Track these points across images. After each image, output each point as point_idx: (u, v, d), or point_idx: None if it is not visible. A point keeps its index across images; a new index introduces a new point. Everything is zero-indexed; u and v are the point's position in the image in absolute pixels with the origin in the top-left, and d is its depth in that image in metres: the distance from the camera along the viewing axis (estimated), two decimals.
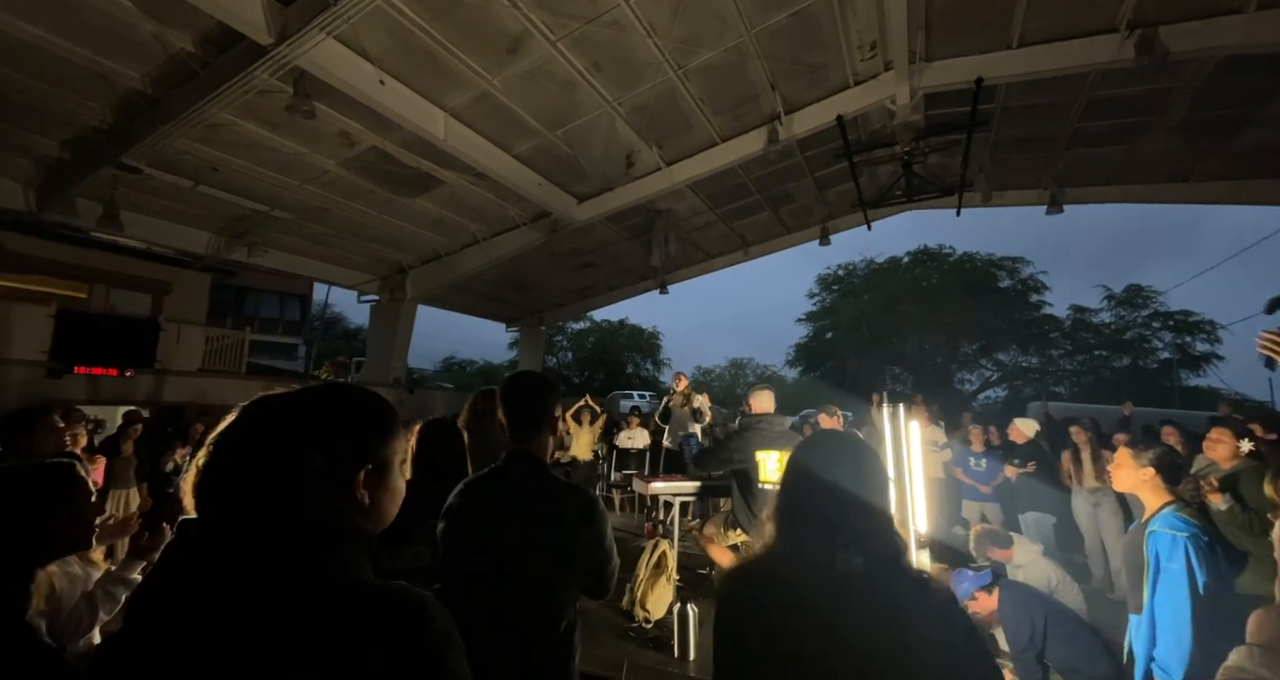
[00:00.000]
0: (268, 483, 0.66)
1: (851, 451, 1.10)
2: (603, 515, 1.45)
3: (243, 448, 0.68)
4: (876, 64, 5.57)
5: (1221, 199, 7.85)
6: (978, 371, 22.26)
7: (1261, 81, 5.42)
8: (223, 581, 0.61)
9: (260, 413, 0.72)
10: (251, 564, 0.62)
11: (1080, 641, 2.93)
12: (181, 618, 0.60)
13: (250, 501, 0.65)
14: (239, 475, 0.66)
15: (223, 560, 0.62)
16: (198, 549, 0.64)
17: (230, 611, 0.59)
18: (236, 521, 0.65)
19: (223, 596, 0.60)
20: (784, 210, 9.82)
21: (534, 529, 1.38)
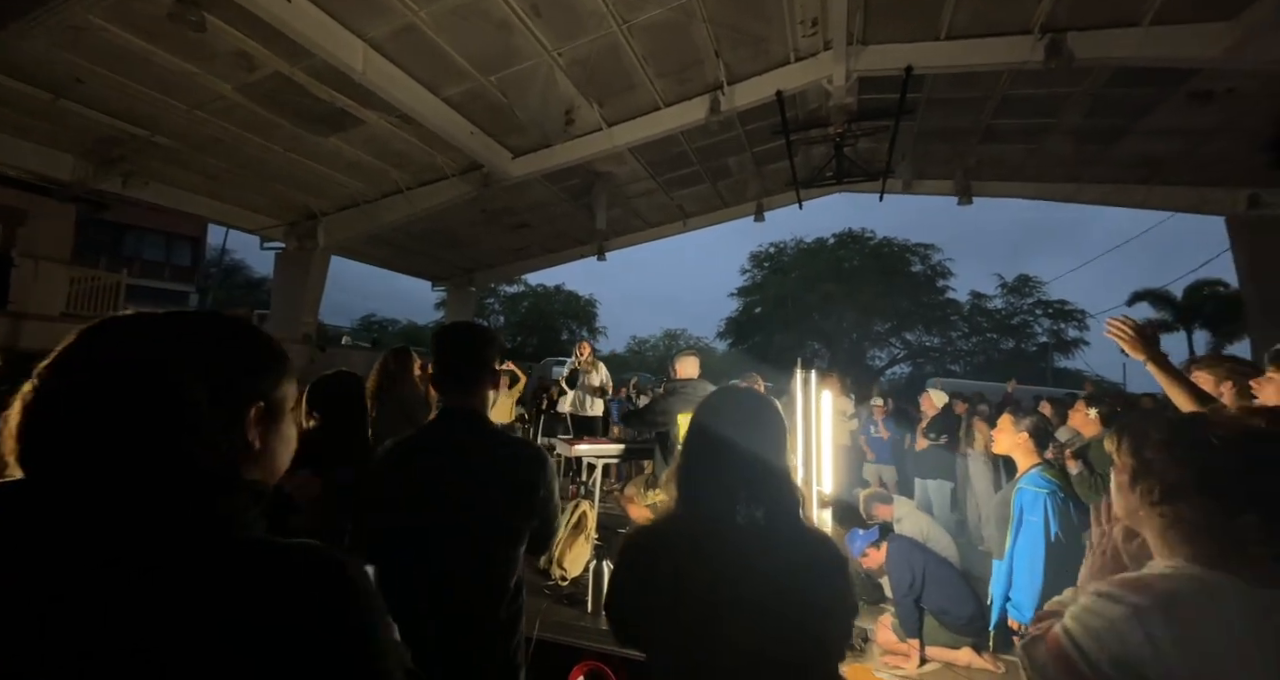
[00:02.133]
0: (134, 420, 0.51)
1: (751, 409, 1.11)
2: (553, 470, 1.42)
3: (96, 376, 0.52)
4: (817, 42, 5.63)
5: (1102, 201, 8.80)
6: (887, 349, 24.10)
7: (1143, 94, 6.03)
8: (71, 557, 0.46)
9: (118, 334, 0.56)
10: (115, 529, 0.48)
11: (951, 586, 3.35)
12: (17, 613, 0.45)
13: (108, 447, 0.50)
14: (90, 413, 0.50)
15: (68, 530, 0.47)
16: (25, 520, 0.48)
17: (90, 596, 0.45)
18: (88, 475, 0.49)
19: (76, 576, 0.46)
20: (722, 183, 9.89)
21: (490, 483, 1.32)
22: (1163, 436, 0.97)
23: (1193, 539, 0.91)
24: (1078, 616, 0.91)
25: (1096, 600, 0.91)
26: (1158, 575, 0.91)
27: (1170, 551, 0.93)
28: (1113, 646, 0.85)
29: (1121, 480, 1.01)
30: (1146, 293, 18.57)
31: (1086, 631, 0.88)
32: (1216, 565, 0.87)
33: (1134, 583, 0.90)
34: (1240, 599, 0.83)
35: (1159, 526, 0.94)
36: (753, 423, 1.09)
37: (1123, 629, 0.84)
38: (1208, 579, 0.86)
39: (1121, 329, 1.71)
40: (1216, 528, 0.89)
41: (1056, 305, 21.20)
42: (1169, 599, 0.84)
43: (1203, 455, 0.92)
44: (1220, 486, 0.89)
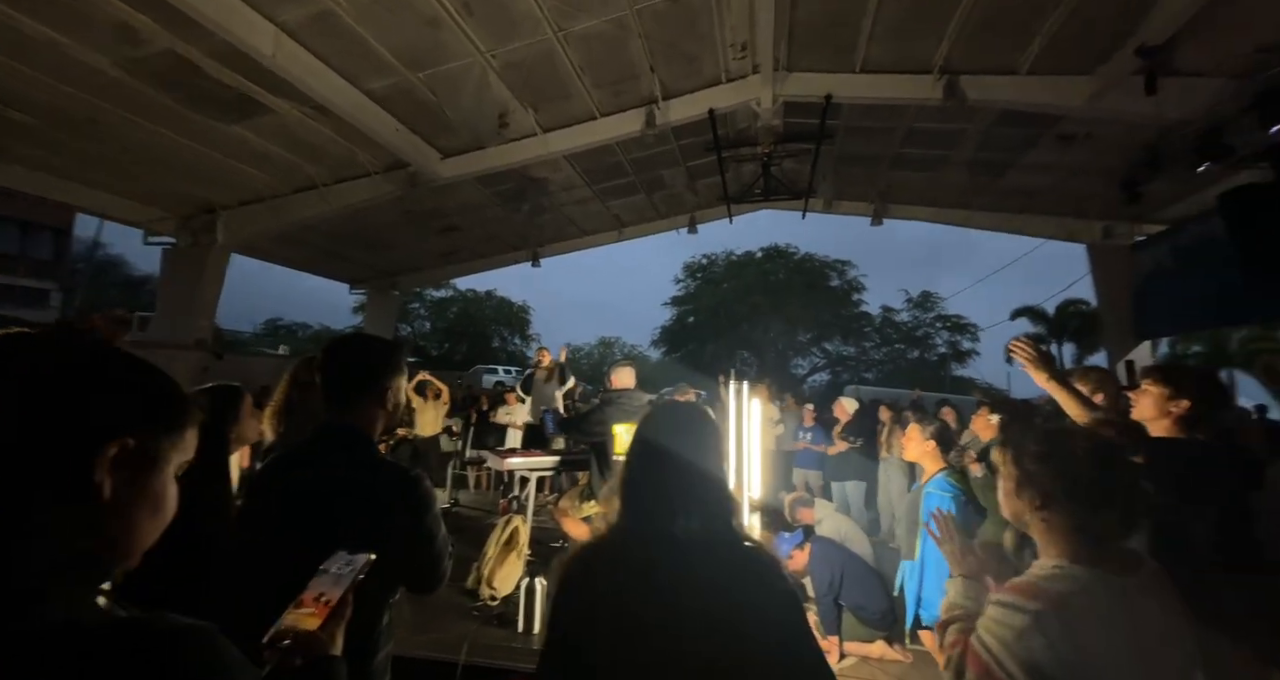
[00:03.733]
0: None
1: (691, 421, 1.14)
2: (424, 497, 1.29)
3: None
4: (746, 65, 5.90)
5: (991, 227, 9.83)
6: (809, 358, 25.52)
7: (1024, 134, 6.83)
8: None
9: None
10: None
11: (866, 583, 3.56)
12: None
13: None
14: None
15: None
16: None
17: None
18: None
19: None
20: (658, 195, 10.07)
21: (335, 513, 1.21)
22: (1038, 449, 1.11)
23: (1068, 539, 1.05)
24: (989, 628, 1.02)
25: (1000, 611, 1.02)
26: (1046, 577, 1.02)
27: (1052, 552, 1.07)
28: (1021, 654, 0.95)
29: (1009, 488, 1.15)
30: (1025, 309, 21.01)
31: (1000, 644, 0.98)
32: (1086, 562, 1.02)
33: (1030, 589, 1.01)
34: (1107, 589, 0.97)
35: (1042, 530, 1.09)
36: (692, 435, 1.11)
37: (1028, 637, 0.95)
38: (1082, 576, 1.00)
39: (1025, 350, 1.89)
40: (1085, 528, 1.04)
41: (953, 319, 23.50)
42: (1060, 602, 0.96)
43: (1070, 466, 1.06)
44: (1084, 492, 1.03)
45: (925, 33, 5.23)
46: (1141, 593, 0.99)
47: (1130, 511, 1.04)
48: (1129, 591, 0.98)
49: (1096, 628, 0.94)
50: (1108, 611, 0.96)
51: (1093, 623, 0.94)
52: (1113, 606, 0.96)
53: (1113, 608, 0.96)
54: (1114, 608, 0.96)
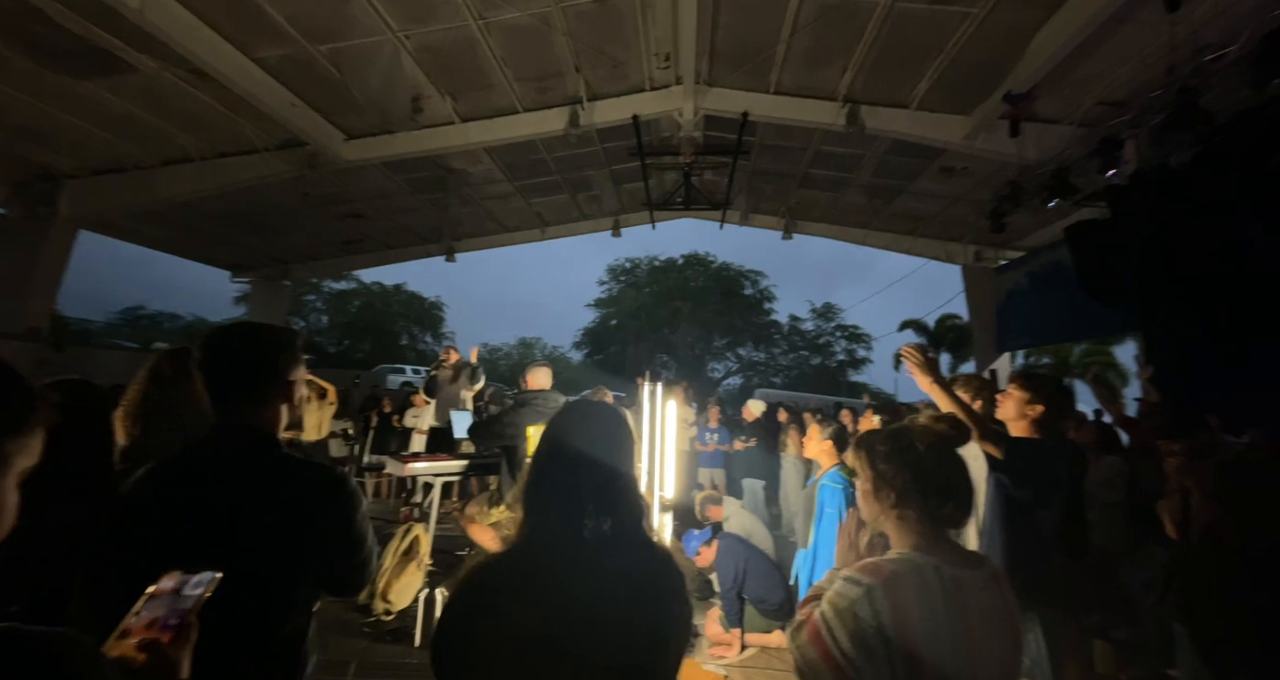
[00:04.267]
0: None
1: (601, 421, 1.11)
2: (352, 496, 1.20)
3: None
4: (670, 75, 6.04)
5: (885, 246, 10.79)
6: (724, 362, 26.57)
7: (913, 163, 7.58)
8: None
9: None
10: None
11: (767, 576, 3.73)
12: None
13: None
14: None
15: None
16: None
17: None
18: None
19: None
20: (582, 196, 10.01)
21: (255, 518, 1.09)
22: (886, 449, 1.17)
23: (918, 532, 1.12)
24: (830, 600, 1.07)
25: (842, 583, 1.07)
26: (889, 560, 1.10)
27: (901, 543, 1.14)
28: (850, 624, 1.01)
29: (866, 489, 1.20)
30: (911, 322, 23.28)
31: (835, 612, 1.03)
32: (930, 552, 1.09)
33: (870, 567, 1.08)
34: (940, 578, 1.04)
35: (896, 526, 1.15)
36: (602, 435, 1.09)
37: (858, 607, 1.00)
38: (919, 561, 1.07)
39: (913, 356, 2.09)
40: (927, 519, 1.12)
41: (851, 329, 25.53)
42: (892, 580, 1.03)
43: (913, 461, 1.13)
44: (927, 485, 1.11)
45: (831, 63, 5.65)
46: (976, 588, 1.06)
47: (965, 500, 1.13)
48: (963, 585, 1.05)
49: (921, 609, 1.00)
50: (937, 598, 1.02)
51: (918, 604, 1.00)
52: (943, 594, 1.02)
53: (943, 595, 1.02)
54: (943, 596, 1.02)
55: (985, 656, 1.04)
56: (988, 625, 1.05)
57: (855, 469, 1.26)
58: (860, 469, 1.22)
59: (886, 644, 0.99)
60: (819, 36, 5.24)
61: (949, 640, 1.00)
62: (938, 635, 1.00)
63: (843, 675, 1.02)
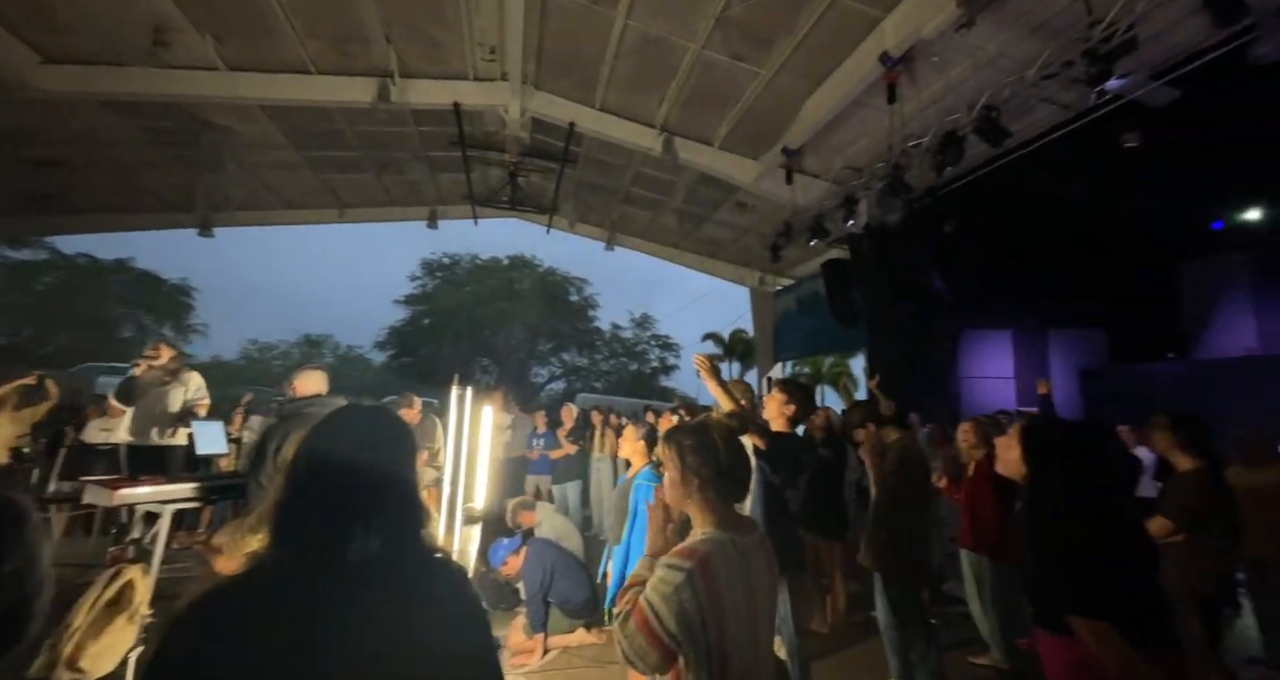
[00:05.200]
0: None
1: (371, 427, 1.00)
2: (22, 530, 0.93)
3: None
4: (495, 70, 5.85)
5: (692, 266, 11.96)
6: (548, 367, 26.46)
7: (717, 196, 8.56)
8: None
9: None
10: None
11: (574, 577, 3.78)
12: None
13: None
14: None
15: None
16: None
17: None
18: None
19: None
20: (391, 179, 9.04)
21: None
22: (692, 442, 1.35)
23: (714, 510, 1.32)
24: (654, 586, 1.18)
25: (665, 570, 1.20)
26: (699, 542, 1.26)
27: (704, 524, 1.32)
28: (674, 605, 1.14)
29: (674, 477, 1.37)
30: (711, 334, 26.38)
31: (660, 597, 1.16)
32: (724, 527, 1.28)
33: (686, 552, 1.22)
34: (735, 548, 1.25)
35: (699, 508, 1.33)
36: (373, 442, 0.97)
37: (681, 590, 1.14)
38: (721, 538, 1.26)
39: (703, 362, 2.47)
40: (725, 497, 1.33)
41: (663, 339, 27.70)
42: (705, 560, 1.19)
43: (714, 452, 1.33)
44: (725, 470, 1.32)
45: (650, 92, 6.11)
46: (754, 548, 1.30)
47: (745, 480, 1.37)
48: (748, 548, 1.28)
49: (727, 578, 1.20)
50: (735, 567, 1.23)
51: (725, 575, 1.20)
52: (739, 560, 1.24)
53: (739, 561, 1.24)
54: (739, 561, 1.24)
55: (762, 607, 1.28)
56: (761, 581, 1.29)
57: (662, 461, 1.41)
58: (668, 460, 1.37)
59: (703, 619, 1.15)
60: (640, 65, 5.62)
61: (744, 601, 1.22)
62: (737, 599, 1.20)
63: (668, 653, 1.15)
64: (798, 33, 4.81)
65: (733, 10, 4.61)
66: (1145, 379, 7.44)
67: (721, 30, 4.95)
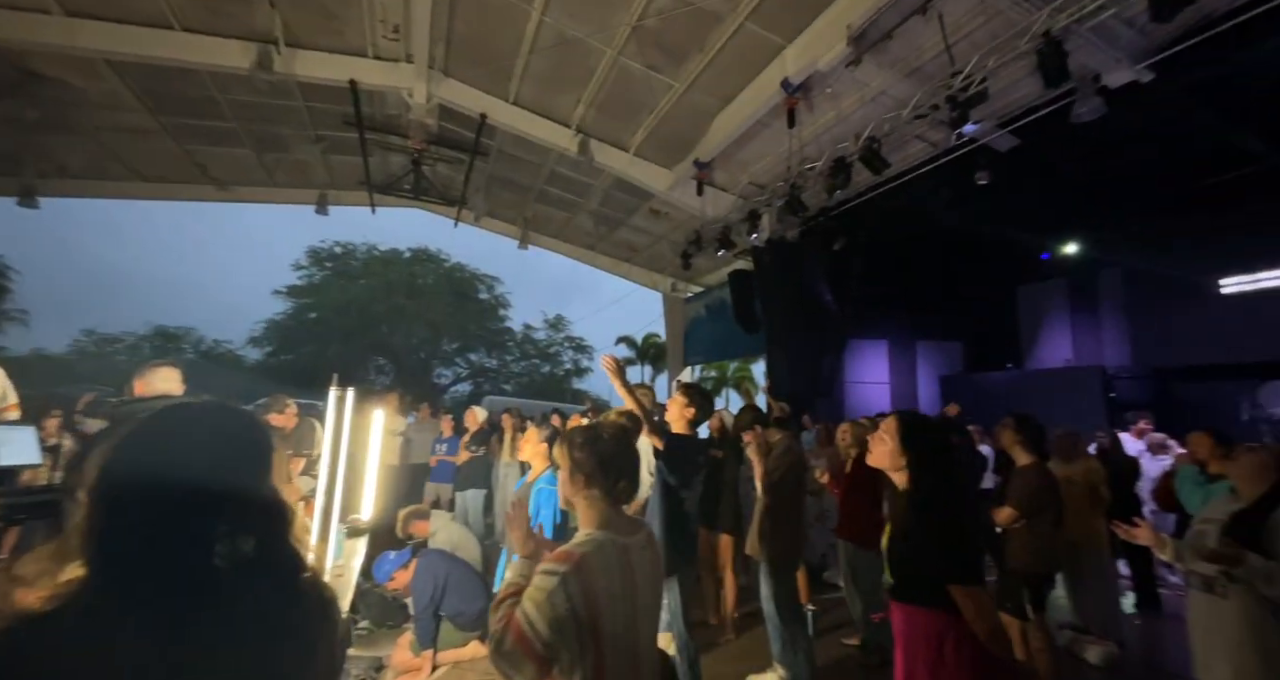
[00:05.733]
0: None
1: (200, 427, 0.86)
2: None
3: None
4: (399, 50, 5.49)
5: (607, 269, 11.97)
6: (453, 368, 25.18)
7: (631, 201, 8.66)
8: None
9: None
10: None
11: (468, 588, 3.61)
12: None
13: None
14: None
15: None
16: None
17: None
18: None
19: None
20: (273, 156, 8.14)
21: None
22: (580, 439, 1.37)
23: (598, 509, 1.32)
24: (529, 595, 1.15)
25: (540, 576, 1.17)
26: (577, 544, 1.25)
27: (588, 523, 1.32)
28: (548, 612, 1.12)
29: (564, 476, 1.38)
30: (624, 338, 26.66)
31: (534, 606, 1.13)
32: (607, 527, 1.29)
33: (563, 555, 1.20)
34: (615, 547, 1.26)
35: (585, 505, 1.33)
36: (205, 446, 0.85)
37: (555, 595, 1.12)
38: (601, 538, 1.26)
39: (610, 363, 2.49)
40: (609, 497, 1.34)
41: (577, 340, 27.51)
42: (581, 562, 1.18)
43: (599, 449, 1.34)
44: (608, 467, 1.32)
45: (567, 92, 6.05)
46: (638, 548, 1.32)
47: (632, 479, 1.38)
48: (630, 548, 1.29)
49: (604, 579, 1.20)
50: (614, 568, 1.23)
51: (602, 576, 1.19)
52: (618, 563, 1.24)
53: (618, 563, 1.24)
54: (619, 563, 1.24)
55: (644, 605, 1.29)
56: (646, 579, 1.30)
57: (558, 461, 1.41)
58: (561, 459, 1.38)
59: (578, 622, 1.13)
60: (557, 64, 5.56)
61: (623, 601, 1.21)
62: (615, 601, 1.19)
63: (542, 663, 1.13)
64: (709, 50, 5.01)
65: (648, 21, 4.70)
66: (990, 385, 8.66)
67: (638, 39, 5.03)
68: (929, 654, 1.57)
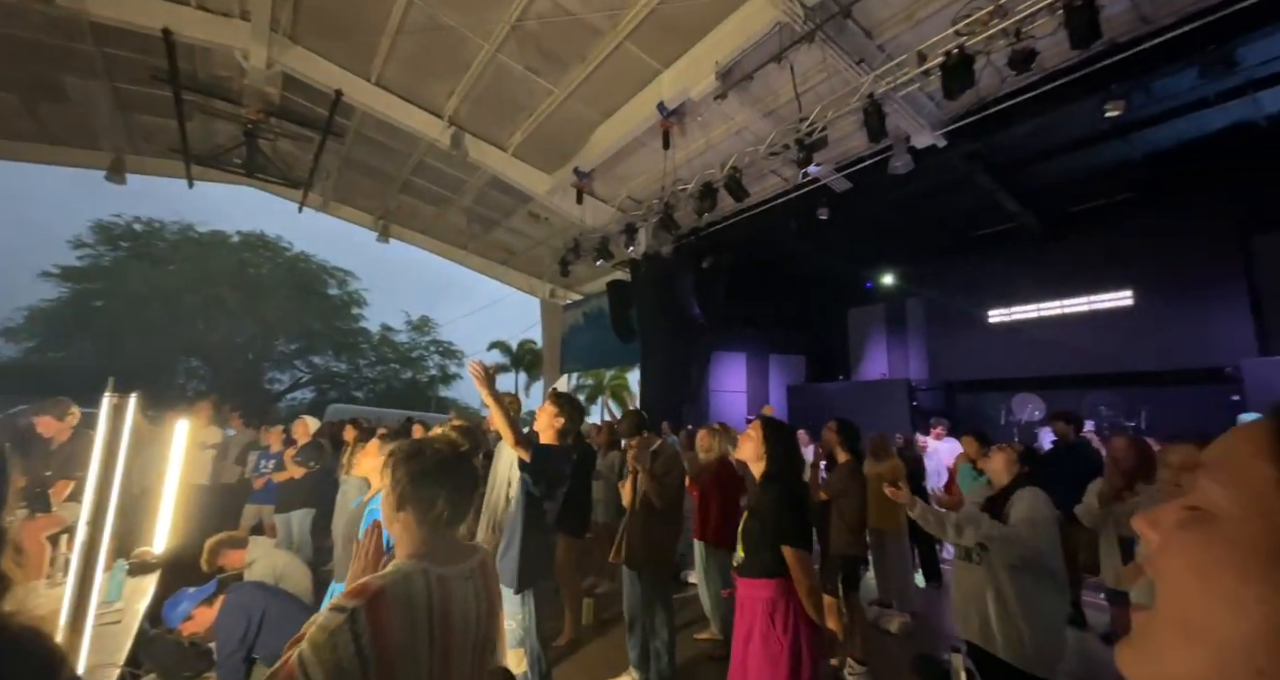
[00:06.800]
0: None
1: None
2: None
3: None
4: (232, 3, 4.76)
5: (480, 270, 11.43)
6: (290, 371, 22.05)
7: (509, 202, 8.41)
8: None
9: None
10: None
11: (291, 623, 3.14)
12: None
13: None
14: None
15: None
16: None
17: None
18: None
19: None
20: (49, 108, 6.51)
21: None
22: (398, 457, 1.19)
23: (413, 535, 1.14)
24: (310, 636, 0.93)
25: (325, 613, 0.97)
26: (379, 575, 1.05)
27: (401, 549, 1.14)
28: (328, 656, 0.91)
29: (386, 497, 1.19)
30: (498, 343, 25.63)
31: (313, 648, 0.91)
32: (419, 556, 1.10)
33: (359, 589, 1.00)
34: (427, 580, 1.06)
35: (399, 530, 1.15)
36: None
37: (338, 635, 0.92)
38: (409, 569, 1.06)
39: (477, 369, 2.37)
40: (425, 524, 1.14)
41: (445, 345, 25.82)
42: (376, 596, 0.98)
43: (416, 466, 1.16)
44: (419, 489, 1.13)
45: (439, 80, 5.72)
46: (460, 579, 1.14)
47: (457, 502, 1.19)
48: (448, 580, 1.10)
49: (402, 620, 1.00)
50: (420, 603, 1.04)
51: (401, 616, 1.00)
52: (427, 596, 1.06)
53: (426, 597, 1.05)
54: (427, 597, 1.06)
55: (465, 642, 1.11)
56: (470, 611, 1.13)
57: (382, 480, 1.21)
58: (385, 479, 1.19)
59: (364, 666, 0.93)
60: (427, 49, 5.23)
61: (427, 640, 1.03)
62: (416, 639, 1.01)
63: None
64: (590, 62, 5.10)
65: (528, 23, 4.65)
66: (826, 394, 9.89)
67: (517, 39, 4.94)
68: (762, 620, 1.89)
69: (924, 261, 9.67)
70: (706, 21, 4.49)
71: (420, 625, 1.03)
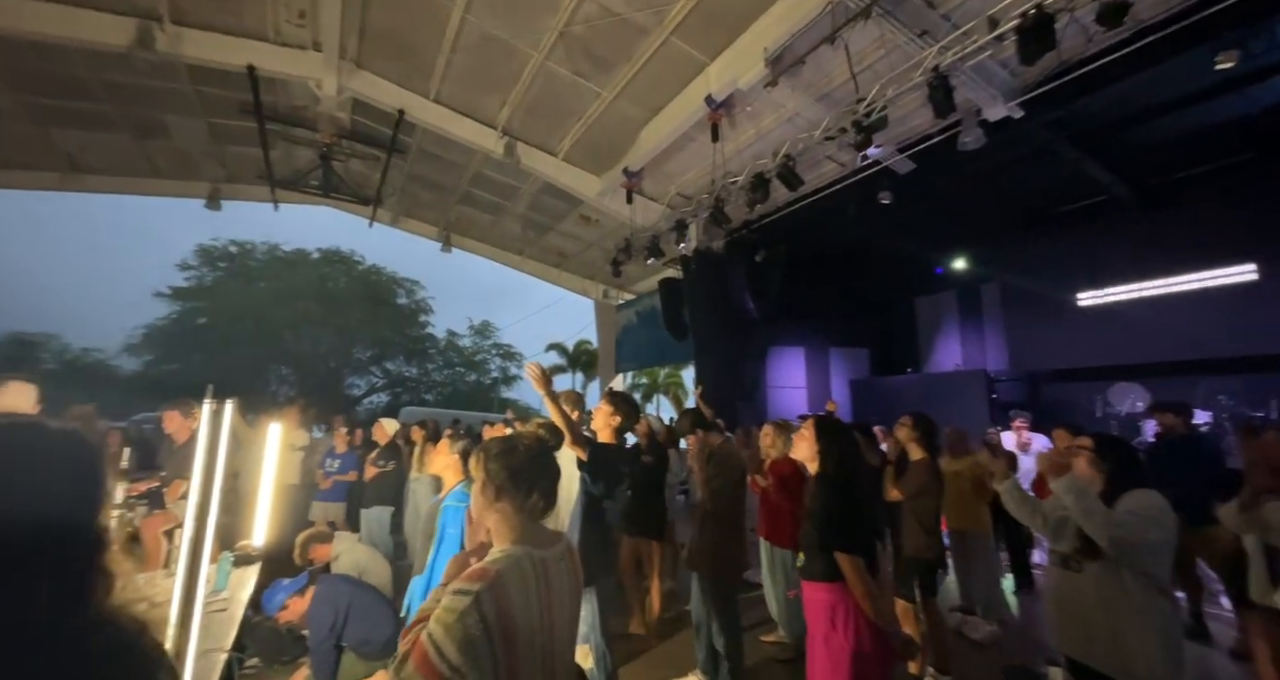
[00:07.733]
0: None
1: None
2: None
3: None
4: (305, 36, 5.13)
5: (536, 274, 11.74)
6: (367, 377, 23.60)
7: (561, 207, 8.59)
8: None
9: None
10: None
11: (375, 615, 3.35)
12: None
13: None
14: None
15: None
16: None
17: None
18: None
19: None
20: (155, 144, 7.29)
21: None
22: (495, 451, 1.32)
23: (511, 524, 1.27)
24: (438, 617, 1.08)
25: (450, 597, 1.10)
26: (491, 561, 1.19)
27: (502, 539, 1.27)
28: (459, 634, 1.05)
29: (477, 488, 1.32)
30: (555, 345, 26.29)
31: (443, 628, 1.05)
32: (521, 541, 1.25)
33: (476, 574, 1.14)
34: (531, 561, 1.22)
35: (497, 520, 1.28)
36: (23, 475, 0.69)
37: (467, 616, 1.06)
38: (516, 553, 1.21)
39: (534, 371, 2.44)
40: (522, 512, 1.28)
41: (506, 348, 26.77)
42: (496, 579, 1.12)
43: (512, 460, 1.30)
44: (519, 480, 1.28)
45: (492, 93, 5.92)
46: (556, 560, 1.29)
47: (548, 493, 1.34)
48: (547, 562, 1.26)
49: (520, 598, 1.16)
50: (530, 582, 1.20)
51: (518, 595, 1.15)
52: (535, 576, 1.21)
53: (534, 577, 1.21)
54: (535, 578, 1.21)
55: (562, 619, 1.26)
56: (564, 592, 1.28)
57: (473, 474, 1.34)
58: (475, 472, 1.32)
59: (490, 642, 1.07)
60: (481, 63, 5.42)
61: (540, 616, 1.18)
62: (531, 615, 1.16)
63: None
64: (636, 61, 5.10)
65: (575, 28, 4.71)
66: (893, 388, 9.39)
67: (565, 45, 5.02)
68: (824, 623, 1.89)
69: (1000, 243, 8.96)
70: (754, 8, 4.37)
71: (531, 602, 1.18)
